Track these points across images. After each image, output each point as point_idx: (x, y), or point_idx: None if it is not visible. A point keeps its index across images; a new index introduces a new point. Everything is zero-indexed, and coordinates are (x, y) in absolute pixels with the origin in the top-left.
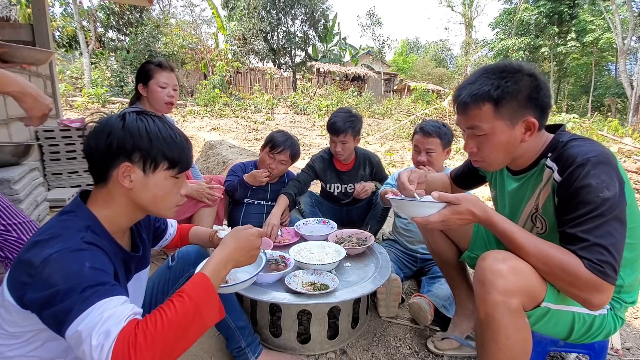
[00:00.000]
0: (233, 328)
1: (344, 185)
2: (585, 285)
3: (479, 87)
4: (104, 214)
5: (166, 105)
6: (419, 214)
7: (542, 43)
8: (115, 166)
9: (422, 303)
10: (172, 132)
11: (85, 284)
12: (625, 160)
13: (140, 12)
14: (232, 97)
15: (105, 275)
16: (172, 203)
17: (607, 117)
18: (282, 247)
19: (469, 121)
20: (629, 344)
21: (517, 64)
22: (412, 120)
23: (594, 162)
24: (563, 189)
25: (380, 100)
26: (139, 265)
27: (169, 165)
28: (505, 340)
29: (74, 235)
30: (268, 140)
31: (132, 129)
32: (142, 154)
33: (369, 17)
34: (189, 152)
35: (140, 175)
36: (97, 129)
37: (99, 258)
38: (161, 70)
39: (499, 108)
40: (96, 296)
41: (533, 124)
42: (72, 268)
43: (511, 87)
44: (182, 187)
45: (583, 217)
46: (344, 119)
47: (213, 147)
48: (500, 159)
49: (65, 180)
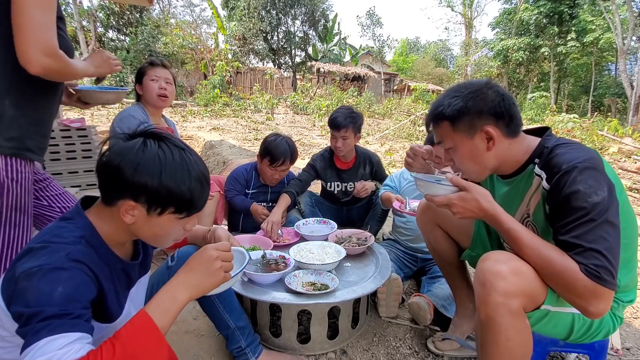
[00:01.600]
0: (233, 328)
1: (344, 183)
2: (583, 291)
3: (435, 107)
4: (103, 227)
5: (159, 97)
6: (429, 192)
7: (542, 43)
8: (120, 197)
9: (421, 303)
10: (190, 170)
11: (47, 313)
12: (625, 160)
13: (140, 12)
14: (232, 97)
15: (72, 304)
16: (171, 240)
17: (607, 117)
18: (282, 247)
19: (437, 137)
20: (629, 344)
21: (474, 81)
22: (412, 120)
23: (580, 168)
24: (552, 197)
25: (380, 100)
26: (141, 271)
27: (175, 210)
28: (506, 342)
29: (61, 249)
30: (265, 152)
31: (146, 163)
32: (148, 197)
33: (369, 17)
34: (205, 193)
35: (143, 214)
36: (113, 151)
37: (76, 280)
38: (152, 67)
39: (455, 124)
40: (47, 331)
41: (491, 133)
42: (44, 290)
43: (460, 104)
44: (189, 224)
45: (574, 223)
46: (345, 115)
47: (213, 147)
48: (473, 168)
49: (65, 180)
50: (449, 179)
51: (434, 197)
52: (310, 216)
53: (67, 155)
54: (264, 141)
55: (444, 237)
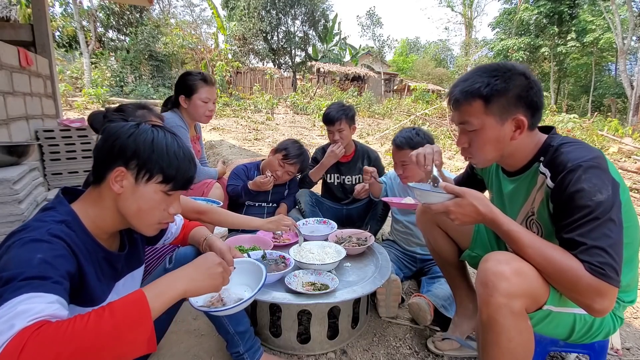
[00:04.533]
0: (232, 333)
1: (343, 176)
2: (586, 289)
3: (470, 84)
4: (89, 212)
5: (206, 117)
6: (426, 200)
7: (542, 43)
8: (112, 168)
9: (421, 303)
10: (178, 150)
11: (27, 274)
12: (625, 160)
13: (140, 12)
14: (232, 97)
15: (51, 270)
16: (154, 219)
17: (607, 117)
18: (282, 247)
19: (460, 117)
20: (629, 344)
21: (510, 64)
22: (412, 120)
23: (585, 167)
24: (557, 195)
25: (380, 100)
26: (130, 264)
27: (162, 179)
28: (508, 343)
29: (42, 226)
30: (283, 148)
31: (139, 137)
32: (138, 162)
33: (369, 17)
34: (190, 172)
35: (131, 182)
36: (109, 130)
37: (55, 251)
38: (205, 85)
39: (489, 105)
40: (28, 288)
41: (522, 122)
42: (24, 256)
43: (501, 85)
44: (172, 206)
45: (579, 222)
46: (336, 109)
47: (213, 147)
48: (489, 155)
49: (65, 180)
50: (442, 186)
51: (431, 205)
52: (311, 216)
53: (67, 155)
54: (285, 140)
55: (443, 238)
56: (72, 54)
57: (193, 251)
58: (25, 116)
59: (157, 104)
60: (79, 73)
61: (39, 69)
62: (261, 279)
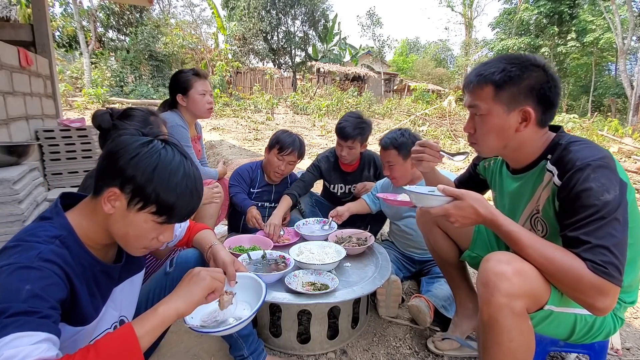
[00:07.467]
0: (236, 337)
1: (348, 185)
2: (589, 288)
3: (487, 69)
4: (83, 224)
5: (207, 110)
6: (424, 204)
7: (542, 43)
8: (108, 186)
9: (421, 305)
10: (182, 181)
11: (14, 309)
12: (625, 160)
13: (140, 12)
14: (232, 97)
15: (40, 302)
16: (141, 245)
17: (607, 117)
18: (282, 247)
19: (471, 99)
20: (629, 344)
21: (533, 56)
22: (412, 120)
23: (593, 166)
24: (563, 193)
25: (380, 100)
26: (130, 270)
27: (156, 211)
28: (509, 343)
29: (33, 247)
30: (275, 142)
31: (142, 161)
32: (134, 188)
33: (369, 17)
34: (190, 207)
35: (123, 205)
36: (116, 143)
37: (45, 280)
38: (198, 79)
39: (499, 91)
40: (14, 327)
41: (529, 114)
42: (12, 287)
43: (515, 73)
44: (163, 234)
45: (584, 220)
46: (354, 125)
47: (213, 147)
48: (492, 143)
49: (65, 180)
50: (440, 189)
51: (429, 209)
52: (311, 216)
53: (67, 155)
54: (274, 134)
55: (443, 238)
56: (72, 54)
57: (195, 255)
58: (25, 116)
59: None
60: (79, 73)
61: (39, 69)
62: (261, 296)
